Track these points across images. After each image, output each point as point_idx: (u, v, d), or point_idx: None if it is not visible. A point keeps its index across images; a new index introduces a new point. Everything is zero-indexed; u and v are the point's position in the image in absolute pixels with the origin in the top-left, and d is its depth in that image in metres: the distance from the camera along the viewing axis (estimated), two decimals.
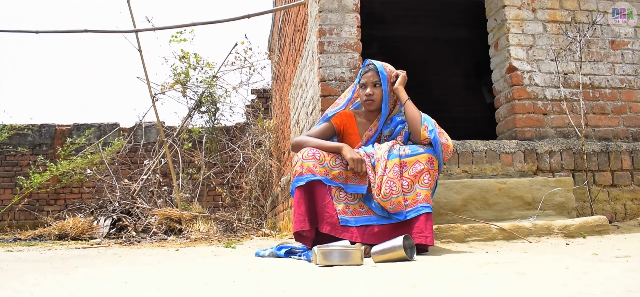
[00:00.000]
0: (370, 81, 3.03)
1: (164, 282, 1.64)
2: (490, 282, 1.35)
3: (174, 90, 7.72)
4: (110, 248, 4.78)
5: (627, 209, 4.20)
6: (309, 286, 1.45)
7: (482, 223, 3.29)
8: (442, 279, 1.42)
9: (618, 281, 1.30)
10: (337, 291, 1.28)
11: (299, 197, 2.78)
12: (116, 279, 1.80)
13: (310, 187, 2.79)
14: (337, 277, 1.64)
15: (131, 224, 6.88)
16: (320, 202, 2.79)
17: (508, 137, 4.30)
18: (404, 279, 1.46)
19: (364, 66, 3.11)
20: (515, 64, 4.28)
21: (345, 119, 3.14)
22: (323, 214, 2.78)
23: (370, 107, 3.07)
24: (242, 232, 5.71)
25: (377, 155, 2.85)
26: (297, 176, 2.80)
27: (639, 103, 4.48)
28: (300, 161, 2.82)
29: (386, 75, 3.02)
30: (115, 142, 8.39)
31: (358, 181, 2.84)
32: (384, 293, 1.23)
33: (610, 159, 4.19)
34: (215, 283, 1.57)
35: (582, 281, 1.31)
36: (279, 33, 7.79)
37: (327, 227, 2.75)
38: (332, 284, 1.43)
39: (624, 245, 2.76)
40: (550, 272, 1.54)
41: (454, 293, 1.20)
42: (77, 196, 9.37)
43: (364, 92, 3.06)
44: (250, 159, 7.77)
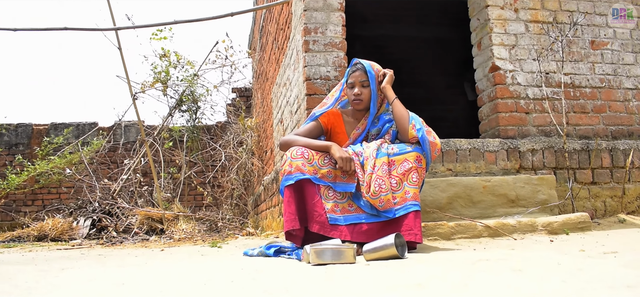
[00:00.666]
0: (358, 81, 3.03)
1: (161, 284, 1.63)
2: (491, 280, 1.36)
3: (155, 89, 7.65)
4: (92, 249, 4.71)
5: (606, 206, 4.28)
6: (311, 285, 1.45)
7: (468, 221, 3.33)
8: (445, 277, 1.43)
9: (615, 276, 1.33)
10: (343, 291, 1.28)
11: (288, 196, 2.78)
12: (112, 280, 1.78)
13: (299, 186, 2.80)
14: (338, 276, 1.64)
15: (112, 224, 6.80)
16: (309, 201, 2.80)
17: (491, 135, 4.35)
18: (407, 278, 1.47)
19: (351, 65, 3.10)
20: (498, 64, 4.33)
21: (333, 119, 3.14)
22: (312, 213, 2.78)
23: (359, 107, 3.08)
24: (226, 231, 5.68)
25: (365, 154, 2.85)
26: (286, 175, 2.80)
27: (618, 102, 4.57)
28: (289, 160, 2.81)
29: (374, 74, 3.04)
30: (94, 142, 8.28)
31: (347, 180, 2.85)
32: (392, 293, 1.24)
33: (590, 157, 4.27)
34: (214, 283, 1.56)
35: (580, 277, 1.33)
36: (261, 31, 7.76)
37: (316, 226, 2.76)
38: (336, 283, 1.43)
39: (607, 241, 2.81)
40: (545, 268, 1.56)
41: (459, 291, 1.21)
42: (55, 196, 9.22)
43: (352, 92, 3.05)
44: (232, 158, 7.74)
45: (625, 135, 4.54)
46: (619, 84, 4.59)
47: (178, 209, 6.93)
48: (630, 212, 4.29)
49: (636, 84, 4.64)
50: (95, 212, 7.17)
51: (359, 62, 3.08)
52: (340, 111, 3.20)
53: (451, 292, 1.19)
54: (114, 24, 6.65)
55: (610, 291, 1.10)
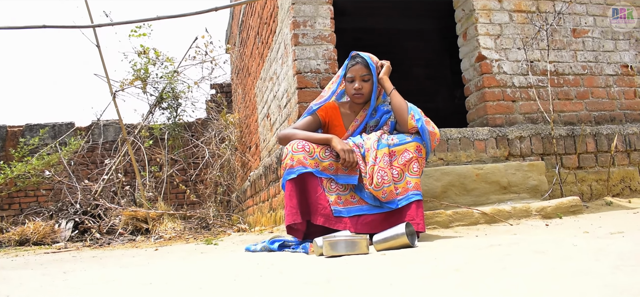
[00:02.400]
0: (358, 75, 3.01)
1: (190, 281, 1.62)
2: (522, 262, 1.40)
3: (134, 86, 7.54)
4: (81, 251, 4.65)
5: (593, 189, 4.39)
6: (358, 274, 1.46)
7: (465, 208, 3.38)
8: (476, 262, 1.46)
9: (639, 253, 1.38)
10: (391, 280, 1.30)
11: (290, 190, 2.78)
12: (137, 280, 1.76)
13: (301, 180, 2.79)
14: (362, 267, 1.66)
15: (95, 226, 6.70)
16: (312, 194, 2.80)
17: (479, 124, 4.42)
18: (443, 263, 1.49)
19: (350, 59, 3.09)
20: (484, 53, 4.39)
21: (330, 111, 3.14)
22: (316, 206, 2.78)
23: (359, 101, 3.07)
24: (217, 229, 5.65)
25: (366, 145, 2.87)
26: (288, 169, 2.79)
27: (600, 88, 4.68)
28: (290, 154, 2.81)
29: (375, 67, 3.04)
30: (72, 142, 8.13)
31: (348, 172, 2.86)
32: (435, 280, 1.26)
33: (576, 143, 4.37)
34: (243, 279, 1.56)
35: (607, 256, 1.37)
36: (241, 26, 7.72)
37: (321, 218, 2.76)
38: (380, 273, 1.45)
39: (603, 223, 2.89)
40: (566, 249, 1.60)
41: (499, 274, 1.24)
42: (33, 199, 9.03)
43: (352, 86, 3.03)
44: (214, 154, 7.69)
45: (608, 121, 4.65)
46: (600, 71, 4.70)
47: (162, 208, 6.86)
48: (616, 194, 4.41)
49: (616, 70, 4.76)
50: (77, 214, 7.06)
51: (358, 56, 3.06)
52: (337, 104, 3.19)
53: (490, 276, 1.21)
54: (92, 21, 6.55)
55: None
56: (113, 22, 6.13)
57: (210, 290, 1.39)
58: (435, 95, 8.11)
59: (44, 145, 8.55)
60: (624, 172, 4.53)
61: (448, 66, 8.17)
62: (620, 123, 4.68)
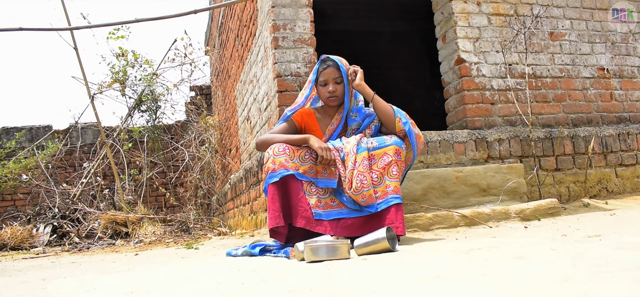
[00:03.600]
0: (331, 78, 3.03)
1: (174, 289, 1.61)
2: (502, 267, 1.41)
3: (113, 89, 7.47)
4: (60, 257, 4.58)
5: (570, 191, 4.45)
6: (341, 282, 1.46)
7: (445, 211, 3.41)
8: (457, 268, 1.47)
9: (618, 258, 1.40)
10: (373, 287, 1.30)
11: (273, 193, 2.78)
12: (118, 288, 1.74)
13: (283, 183, 2.80)
14: (343, 272, 1.66)
15: (74, 230, 6.62)
16: (294, 196, 2.80)
17: (459, 126, 4.46)
18: (424, 269, 1.50)
19: (320, 63, 3.09)
20: (463, 56, 4.43)
21: (306, 117, 3.15)
22: (297, 208, 2.79)
23: (334, 103, 3.08)
24: (197, 232, 5.62)
25: (346, 149, 2.88)
26: (270, 173, 2.80)
27: (577, 91, 4.75)
28: (271, 157, 2.81)
29: (345, 69, 3.06)
30: (49, 145, 8.02)
31: (328, 175, 2.87)
32: (417, 286, 1.27)
33: (554, 145, 4.43)
34: (226, 287, 1.55)
35: (586, 260, 1.39)
36: (220, 28, 7.68)
37: (302, 221, 2.77)
38: (362, 280, 1.45)
39: (581, 225, 2.93)
40: (545, 254, 1.62)
41: (480, 280, 1.25)
42: (10, 203, 8.88)
43: (325, 89, 3.04)
44: (194, 157, 7.64)
45: (585, 123, 4.72)
46: (577, 74, 4.77)
47: (142, 211, 6.80)
48: (593, 196, 4.47)
49: (593, 73, 4.84)
50: (55, 218, 6.97)
51: (329, 59, 3.07)
52: (312, 109, 3.21)
53: (471, 283, 1.22)
54: (69, 24, 6.47)
55: (626, 273, 1.16)
56: (90, 25, 6.05)
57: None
58: (415, 97, 8.15)
59: (21, 149, 8.43)
60: (601, 173, 4.60)
61: (427, 68, 8.22)
62: (597, 125, 4.75)
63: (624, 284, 1.03)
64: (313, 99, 3.24)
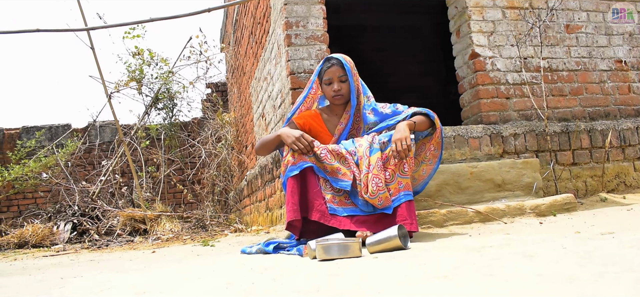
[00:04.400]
0: (336, 76, 3.03)
1: (186, 289, 1.63)
2: (511, 267, 1.41)
3: (129, 87, 7.54)
4: (80, 254, 4.66)
5: (588, 185, 4.40)
6: (348, 282, 1.47)
7: (459, 207, 3.39)
8: (465, 267, 1.47)
9: (627, 257, 1.38)
10: (380, 288, 1.31)
11: (292, 186, 2.78)
12: (132, 288, 1.77)
13: (302, 176, 2.81)
14: (355, 272, 1.67)
15: (93, 227, 6.71)
16: (311, 190, 2.81)
17: (473, 121, 4.43)
18: (432, 268, 1.50)
19: (323, 62, 3.10)
20: (477, 51, 4.40)
21: (311, 120, 3.14)
22: (313, 201, 2.79)
23: (340, 102, 3.08)
24: (214, 229, 5.66)
25: (359, 152, 2.87)
26: (290, 166, 2.80)
27: (594, 84, 4.69)
28: (291, 151, 2.82)
29: (350, 67, 3.05)
30: (69, 144, 8.13)
31: (342, 176, 2.85)
32: (423, 286, 1.27)
33: (570, 139, 4.38)
34: (236, 286, 1.57)
35: (594, 259, 1.38)
36: (235, 25, 7.71)
37: (317, 214, 2.77)
38: (369, 280, 1.46)
39: (596, 221, 2.90)
40: (554, 253, 1.61)
41: (489, 282, 1.25)
42: (31, 201, 9.03)
43: (330, 88, 3.05)
44: (211, 154, 7.69)
45: (602, 116, 4.67)
46: (594, 66, 4.71)
47: (159, 208, 6.88)
48: (610, 190, 4.42)
49: (610, 65, 4.77)
50: (75, 216, 7.07)
51: (332, 57, 3.07)
52: (319, 111, 3.20)
53: (477, 283, 1.23)
54: (86, 24, 6.54)
55: (629, 274, 1.15)
56: (105, 25, 6.12)
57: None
58: (430, 92, 8.11)
59: (41, 148, 8.55)
60: (619, 167, 4.54)
61: (442, 62, 8.17)
62: (614, 118, 4.69)
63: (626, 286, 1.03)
64: (319, 99, 3.24)
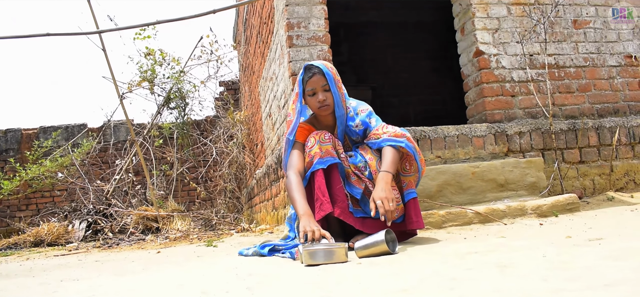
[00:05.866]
0: (319, 86, 2.84)
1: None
2: (476, 280, 1.40)
3: (141, 87, 7.63)
4: (89, 254, 4.73)
5: (595, 184, 4.33)
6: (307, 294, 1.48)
7: (458, 208, 3.37)
8: (430, 280, 1.46)
9: (596, 271, 1.37)
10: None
11: (320, 179, 2.72)
12: (119, 294, 1.82)
13: (328, 171, 2.75)
14: (332, 280, 1.68)
15: (107, 225, 6.81)
16: (335, 185, 2.75)
17: (478, 120, 4.39)
18: (394, 282, 1.50)
19: (304, 72, 2.90)
20: (482, 48, 4.35)
21: (307, 133, 2.93)
22: (336, 197, 2.73)
23: (327, 112, 2.90)
24: (221, 228, 5.71)
25: (372, 167, 2.83)
26: (318, 159, 2.73)
27: (603, 80, 4.61)
28: (318, 143, 2.76)
29: (332, 75, 2.87)
30: (84, 143, 8.26)
31: (355, 182, 2.83)
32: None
33: (577, 137, 4.32)
34: (209, 295, 1.59)
35: (562, 273, 1.37)
36: (245, 24, 7.74)
37: (338, 210, 2.71)
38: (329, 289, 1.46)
39: (595, 224, 2.86)
40: (530, 263, 1.60)
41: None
42: (49, 199, 9.20)
43: (315, 99, 2.86)
44: (223, 152, 7.75)
45: (611, 113, 4.59)
46: (603, 62, 4.63)
47: (172, 206, 6.95)
48: (619, 189, 4.35)
49: (620, 61, 4.68)
50: (90, 214, 7.18)
51: (313, 66, 2.88)
52: (307, 124, 2.99)
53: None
54: (97, 26, 6.61)
55: (587, 292, 1.13)
56: (114, 28, 6.18)
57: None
58: (441, 88, 8.05)
59: (58, 147, 8.70)
60: (628, 165, 4.46)
61: (454, 58, 8.08)
62: (624, 115, 4.61)
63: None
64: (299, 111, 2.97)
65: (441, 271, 1.59)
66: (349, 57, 7.98)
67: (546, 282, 1.27)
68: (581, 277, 1.29)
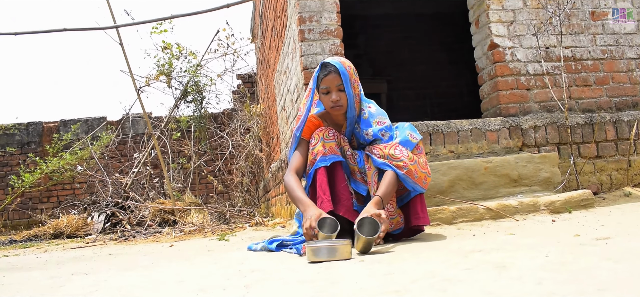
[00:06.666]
0: (334, 85, 2.74)
1: (157, 294, 1.68)
2: (470, 283, 1.38)
3: (159, 81, 7.69)
4: (105, 247, 4.79)
5: (612, 179, 4.25)
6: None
7: (469, 204, 3.33)
8: (423, 281, 1.45)
9: (593, 274, 1.34)
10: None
11: (323, 177, 2.68)
12: (114, 293, 1.83)
13: (330, 168, 2.72)
14: (325, 278, 1.67)
15: (125, 218, 6.90)
16: (339, 183, 2.73)
17: (492, 114, 4.33)
18: (393, 280, 1.50)
19: (320, 69, 2.82)
20: (496, 41, 4.29)
21: (314, 129, 2.88)
22: (340, 196, 2.71)
23: (339, 113, 2.83)
24: (235, 221, 5.74)
25: (368, 177, 2.80)
26: (321, 156, 2.69)
27: (621, 73, 4.51)
28: (322, 141, 2.72)
29: (348, 75, 2.77)
30: (103, 136, 8.36)
31: (360, 179, 2.82)
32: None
33: (594, 131, 4.23)
34: (206, 293, 1.60)
35: (558, 276, 1.34)
36: (261, 17, 7.74)
37: (343, 208, 2.70)
38: (324, 292, 1.46)
39: (607, 220, 2.80)
40: (529, 264, 1.57)
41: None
42: (69, 191, 9.35)
43: (328, 98, 2.78)
44: (239, 145, 7.78)
45: (630, 107, 4.49)
46: (621, 54, 4.53)
47: (189, 199, 7.00)
48: (637, 184, 4.26)
49: (639, 53, 4.57)
50: (109, 207, 7.28)
51: (330, 64, 2.78)
52: (318, 119, 2.93)
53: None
54: (114, 21, 6.68)
55: (579, 296, 1.11)
56: (130, 23, 6.23)
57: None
58: (459, 80, 7.96)
59: (78, 140, 8.83)
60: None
61: (472, 50, 7.99)
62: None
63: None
64: (317, 102, 2.97)
65: (437, 272, 1.57)
66: (365, 50, 7.94)
67: (540, 286, 1.25)
68: (576, 281, 1.26)
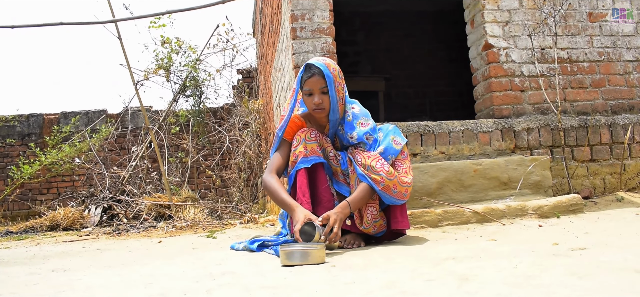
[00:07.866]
0: (317, 88, 2.70)
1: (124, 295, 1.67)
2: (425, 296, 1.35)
3: (158, 75, 7.68)
4: (96, 241, 4.79)
5: (606, 183, 4.20)
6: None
7: (456, 207, 3.30)
8: (379, 293, 1.42)
9: (552, 291, 1.30)
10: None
11: (302, 179, 2.65)
12: (84, 292, 1.83)
13: (311, 170, 2.69)
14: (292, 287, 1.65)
15: (122, 211, 6.90)
16: (320, 185, 2.70)
17: (486, 115, 4.28)
18: (349, 292, 1.47)
19: (304, 70, 2.78)
20: (491, 42, 4.24)
21: (297, 130, 2.83)
22: (322, 198, 2.70)
23: (322, 115, 2.80)
24: (227, 218, 5.73)
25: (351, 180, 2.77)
26: (302, 157, 2.65)
27: (618, 76, 4.44)
28: (303, 142, 2.68)
29: (332, 77, 2.72)
30: (102, 129, 8.37)
31: (343, 180, 2.79)
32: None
33: (588, 134, 4.18)
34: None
35: (518, 291, 1.31)
36: (261, 13, 7.71)
37: (323, 210, 2.65)
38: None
39: (592, 227, 2.76)
40: (492, 277, 1.54)
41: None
42: (69, 184, 9.37)
43: (311, 101, 2.73)
44: (237, 141, 7.76)
45: (626, 110, 4.43)
46: (618, 57, 4.46)
47: (186, 193, 7.00)
48: (631, 188, 4.20)
49: (637, 55, 4.51)
50: (106, 200, 7.28)
51: (314, 66, 2.74)
52: (302, 119, 2.89)
53: None
54: (113, 15, 6.66)
55: None
56: (128, 17, 6.21)
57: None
58: (459, 79, 7.89)
59: (77, 133, 8.84)
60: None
61: None
62: (639, 112, 4.44)
63: None
64: (301, 102, 2.93)
65: (399, 282, 1.54)
66: (365, 47, 7.89)
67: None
68: None
